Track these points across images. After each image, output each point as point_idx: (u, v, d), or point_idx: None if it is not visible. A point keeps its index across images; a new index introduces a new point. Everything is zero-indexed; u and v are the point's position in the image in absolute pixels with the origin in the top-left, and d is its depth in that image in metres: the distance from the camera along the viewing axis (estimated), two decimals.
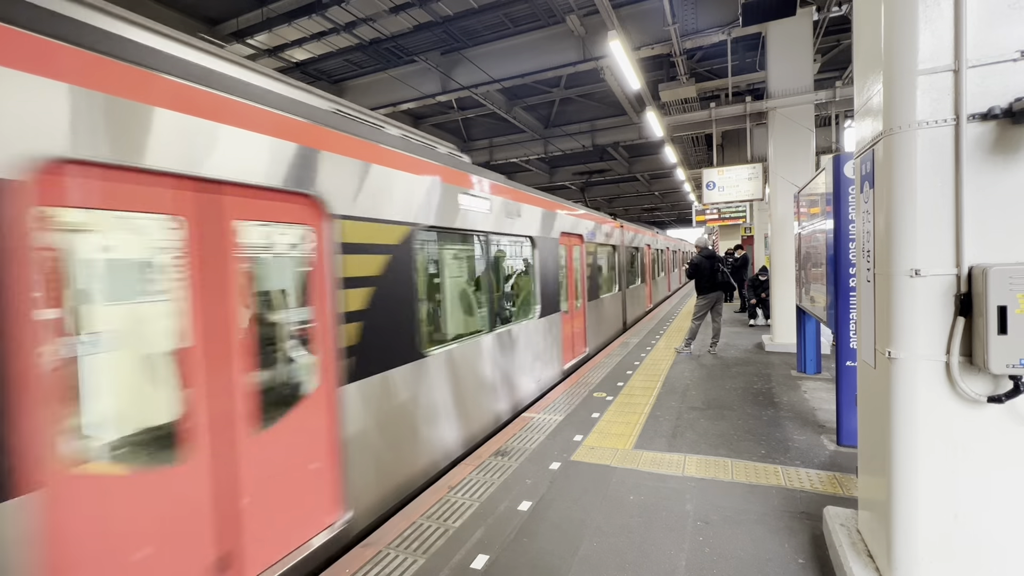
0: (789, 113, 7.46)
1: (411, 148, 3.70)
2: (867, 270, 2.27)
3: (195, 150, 2.13)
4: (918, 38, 1.87)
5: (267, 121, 2.48)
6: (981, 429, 1.86)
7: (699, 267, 7.80)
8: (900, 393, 1.95)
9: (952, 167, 1.85)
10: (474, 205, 4.50)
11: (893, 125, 1.95)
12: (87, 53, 1.81)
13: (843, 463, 3.61)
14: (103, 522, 1.82)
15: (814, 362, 6.12)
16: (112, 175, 1.89)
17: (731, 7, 7.28)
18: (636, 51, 7.97)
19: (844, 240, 3.80)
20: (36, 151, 1.65)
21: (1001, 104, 1.77)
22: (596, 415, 4.91)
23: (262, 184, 2.41)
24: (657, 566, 2.54)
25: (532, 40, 9.06)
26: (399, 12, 7.84)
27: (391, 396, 3.31)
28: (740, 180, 8.86)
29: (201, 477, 2.13)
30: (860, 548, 2.31)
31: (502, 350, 5.03)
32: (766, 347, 7.85)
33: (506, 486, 3.47)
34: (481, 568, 2.58)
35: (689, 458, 3.81)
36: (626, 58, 6.59)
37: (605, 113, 13.99)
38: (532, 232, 5.83)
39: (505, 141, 15.96)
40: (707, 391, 5.64)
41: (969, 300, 1.83)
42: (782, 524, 2.87)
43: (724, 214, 16.34)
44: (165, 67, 2.07)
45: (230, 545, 2.24)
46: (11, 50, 1.60)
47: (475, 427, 4.44)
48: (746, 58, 9.75)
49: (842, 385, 3.87)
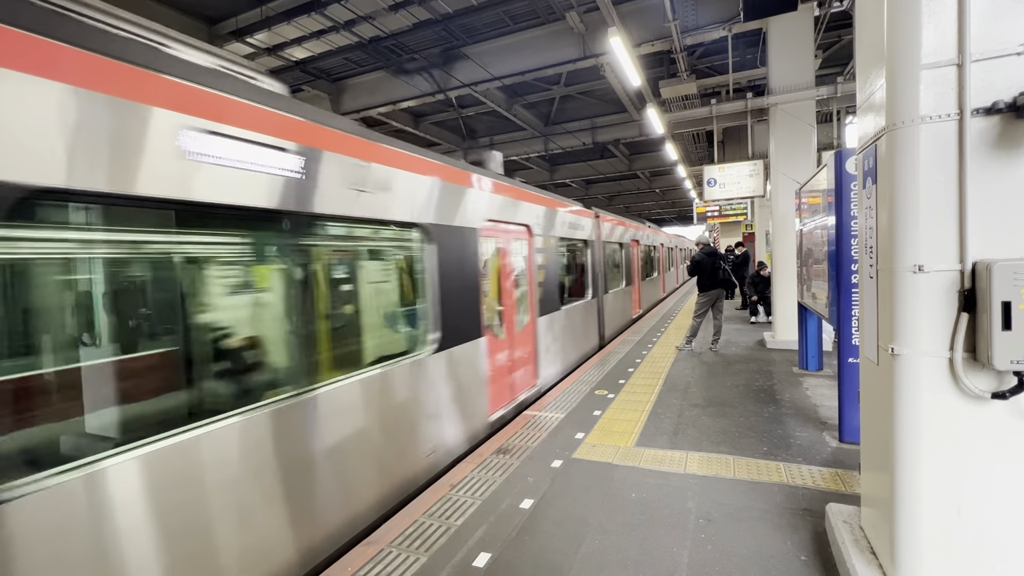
0: (790, 109, 7.43)
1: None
2: (870, 266, 2.26)
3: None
4: (921, 32, 1.86)
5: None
6: (985, 425, 1.85)
7: (700, 264, 7.78)
8: (903, 390, 1.94)
9: (956, 162, 1.84)
10: (249, 158, 2.44)
11: (896, 120, 1.93)
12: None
13: (846, 460, 3.61)
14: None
15: (816, 359, 6.11)
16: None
17: (732, 3, 7.24)
18: (636, 48, 7.94)
19: (846, 236, 3.78)
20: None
21: (1005, 98, 1.76)
22: (598, 413, 4.91)
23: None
24: (659, 563, 2.53)
25: (532, 37, 9.03)
26: (398, 10, 7.82)
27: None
28: (741, 177, 8.84)
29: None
30: (863, 545, 2.31)
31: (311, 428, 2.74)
32: (767, 344, 7.84)
33: (508, 484, 3.47)
34: (483, 566, 2.58)
35: (691, 455, 3.81)
36: (626, 55, 6.57)
37: (606, 110, 13.95)
38: (424, 218, 3.81)
39: (506, 139, 15.93)
40: (709, 388, 5.63)
41: (973, 296, 1.82)
42: (784, 521, 2.86)
43: (725, 211, 16.31)
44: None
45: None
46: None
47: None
48: (747, 54, 9.70)
49: (844, 382, 3.86)
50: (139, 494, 1.95)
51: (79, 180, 1.81)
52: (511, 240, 5.54)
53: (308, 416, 2.72)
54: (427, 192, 3.88)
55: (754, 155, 9.13)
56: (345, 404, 3.02)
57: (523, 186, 6.01)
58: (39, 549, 1.67)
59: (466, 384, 4.31)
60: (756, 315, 10.48)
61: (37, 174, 1.70)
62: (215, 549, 2.22)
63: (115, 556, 1.88)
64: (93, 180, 1.85)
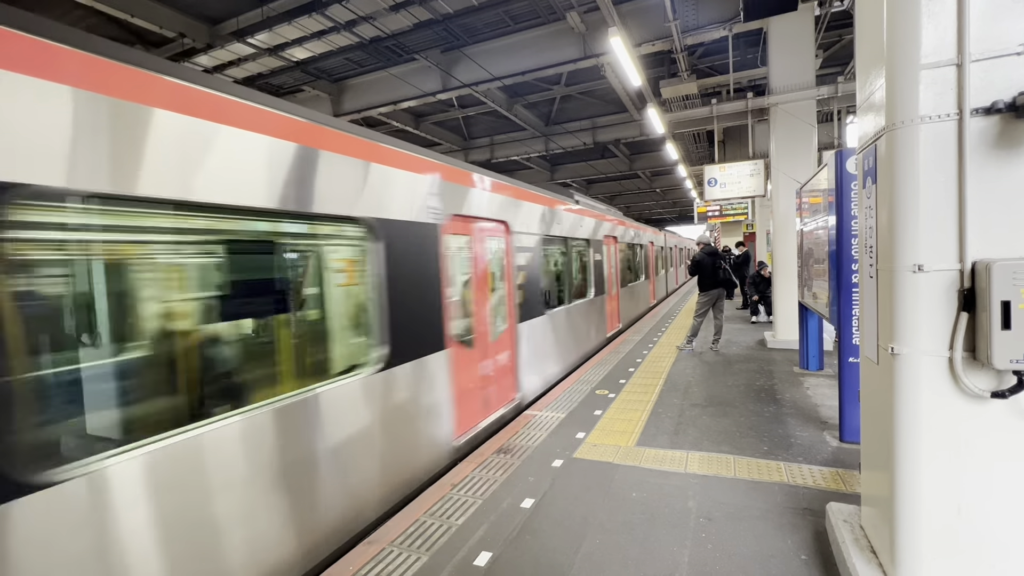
0: (791, 109, 7.43)
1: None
2: (870, 266, 2.27)
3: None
4: (921, 32, 1.86)
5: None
6: (984, 425, 1.85)
7: (701, 264, 7.79)
8: (903, 389, 1.95)
9: (955, 162, 1.84)
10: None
11: (896, 120, 1.94)
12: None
13: (846, 459, 3.61)
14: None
15: (816, 358, 6.11)
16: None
17: (732, 3, 7.24)
18: (637, 48, 7.94)
19: (846, 236, 3.79)
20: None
21: (1005, 98, 1.76)
22: (598, 412, 4.91)
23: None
24: (660, 563, 2.54)
25: (532, 37, 9.03)
26: (399, 10, 7.82)
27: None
28: (742, 176, 8.84)
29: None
30: (863, 544, 2.31)
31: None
32: (768, 344, 7.84)
33: (509, 483, 3.48)
34: (484, 565, 2.58)
35: (692, 455, 3.81)
36: (627, 55, 6.57)
37: (606, 110, 13.94)
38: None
39: (506, 139, 15.93)
40: (709, 388, 5.63)
41: (972, 295, 1.82)
42: (785, 520, 2.87)
43: (726, 211, 16.31)
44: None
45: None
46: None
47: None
48: (747, 54, 9.70)
49: (845, 381, 3.86)
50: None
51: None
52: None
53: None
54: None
55: (755, 155, 9.13)
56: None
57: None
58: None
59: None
60: (757, 315, 10.48)
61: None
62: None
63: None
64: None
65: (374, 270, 3.23)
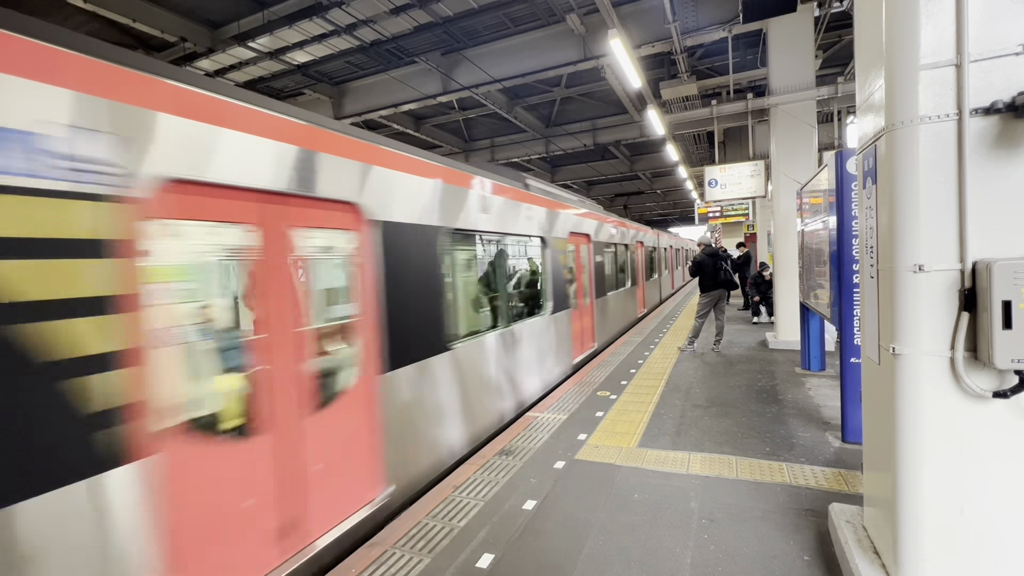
0: (791, 110, 7.44)
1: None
2: (870, 266, 2.27)
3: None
4: (920, 33, 1.87)
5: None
6: (986, 425, 1.85)
7: (702, 265, 7.79)
8: (905, 389, 1.95)
9: (955, 162, 1.85)
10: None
11: (895, 120, 1.94)
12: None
13: (848, 460, 3.60)
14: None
15: (818, 359, 6.10)
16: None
17: (731, 4, 7.26)
18: (636, 49, 7.96)
19: (847, 236, 3.79)
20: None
21: (1004, 98, 1.76)
22: (600, 414, 4.91)
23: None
24: (662, 564, 2.54)
25: (532, 39, 9.05)
26: (399, 13, 7.85)
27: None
28: (742, 177, 8.84)
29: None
30: (866, 544, 2.31)
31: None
32: (770, 344, 7.83)
33: (511, 485, 3.48)
34: (487, 567, 2.58)
35: (693, 456, 3.81)
36: (627, 56, 6.58)
37: (606, 112, 13.97)
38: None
39: (506, 141, 15.96)
40: (711, 389, 5.63)
41: (973, 295, 1.82)
42: (787, 521, 2.86)
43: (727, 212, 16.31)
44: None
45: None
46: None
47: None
48: (747, 55, 9.72)
49: (846, 382, 3.86)
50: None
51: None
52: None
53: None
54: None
55: (755, 155, 9.13)
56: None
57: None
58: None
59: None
60: (758, 315, 10.47)
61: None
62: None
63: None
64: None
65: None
